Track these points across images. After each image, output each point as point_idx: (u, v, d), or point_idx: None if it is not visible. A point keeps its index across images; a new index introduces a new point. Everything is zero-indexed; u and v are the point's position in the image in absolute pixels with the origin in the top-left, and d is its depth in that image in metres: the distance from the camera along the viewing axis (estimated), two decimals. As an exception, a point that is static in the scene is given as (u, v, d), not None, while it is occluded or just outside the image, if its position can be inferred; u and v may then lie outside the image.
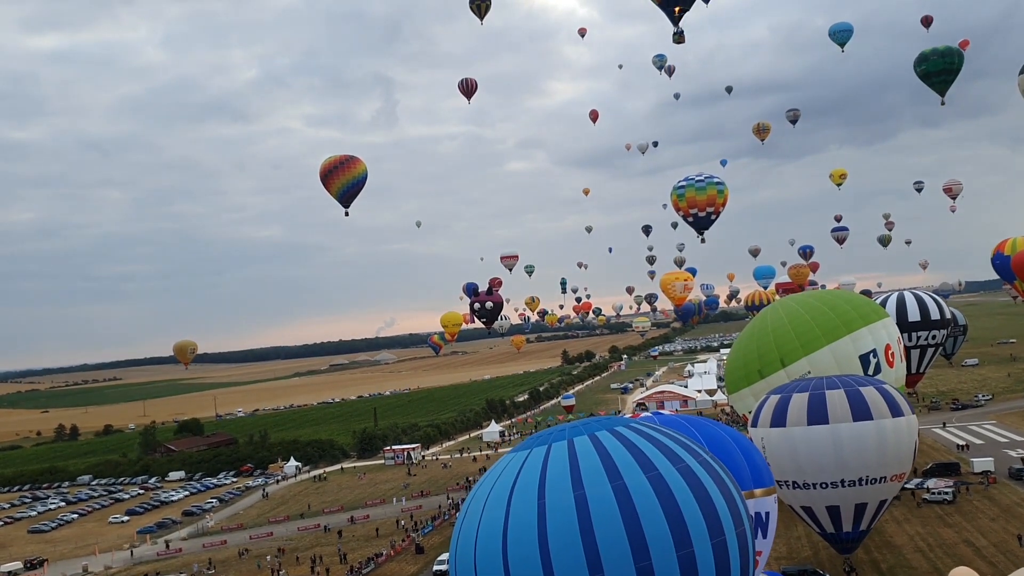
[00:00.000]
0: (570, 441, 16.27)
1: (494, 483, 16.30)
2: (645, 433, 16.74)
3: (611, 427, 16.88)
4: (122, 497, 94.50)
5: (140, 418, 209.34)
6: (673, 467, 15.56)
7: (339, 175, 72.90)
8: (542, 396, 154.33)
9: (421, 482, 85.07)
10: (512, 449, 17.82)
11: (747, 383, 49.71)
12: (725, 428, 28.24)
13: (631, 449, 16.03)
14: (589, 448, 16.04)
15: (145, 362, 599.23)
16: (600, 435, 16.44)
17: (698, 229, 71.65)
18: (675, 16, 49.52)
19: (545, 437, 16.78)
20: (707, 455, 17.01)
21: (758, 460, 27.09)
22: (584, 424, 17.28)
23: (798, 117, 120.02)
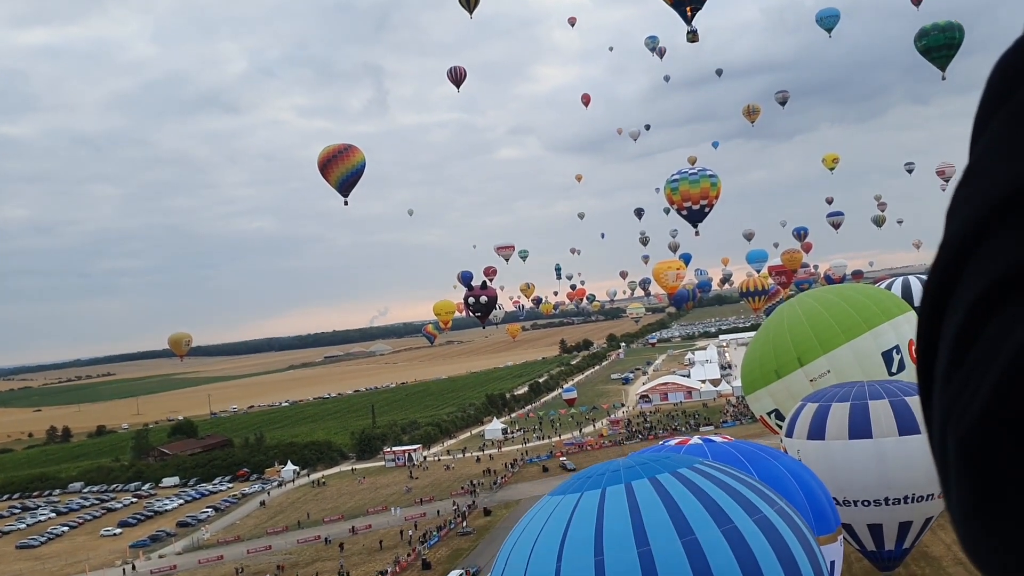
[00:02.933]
0: (628, 486, 14.06)
1: (538, 533, 14.12)
2: (712, 476, 14.66)
3: (672, 468, 14.77)
4: (114, 506, 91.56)
5: (134, 416, 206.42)
6: (750, 518, 13.54)
7: (337, 164, 72.01)
8: (542, 388, 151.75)
9: (424, 486, 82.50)
10: (555, 491, 15.46)
11: (764, 383, 47.18)
12: (782, 459, 25.42)
13: (701, 497, 13.84)
14: (651, 495, 13.85)
15: (139, 356, 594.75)
16: (662, 479, 14.27)
17: (692, 222, 71.27)
18: (688, 16, 47.28)
19: (596, 478, 14.63)
20: (783, 503, 14.94)
21: (822, 500, 24.28)
22: (641, 464, 15.12)
23: (787, 99, 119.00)
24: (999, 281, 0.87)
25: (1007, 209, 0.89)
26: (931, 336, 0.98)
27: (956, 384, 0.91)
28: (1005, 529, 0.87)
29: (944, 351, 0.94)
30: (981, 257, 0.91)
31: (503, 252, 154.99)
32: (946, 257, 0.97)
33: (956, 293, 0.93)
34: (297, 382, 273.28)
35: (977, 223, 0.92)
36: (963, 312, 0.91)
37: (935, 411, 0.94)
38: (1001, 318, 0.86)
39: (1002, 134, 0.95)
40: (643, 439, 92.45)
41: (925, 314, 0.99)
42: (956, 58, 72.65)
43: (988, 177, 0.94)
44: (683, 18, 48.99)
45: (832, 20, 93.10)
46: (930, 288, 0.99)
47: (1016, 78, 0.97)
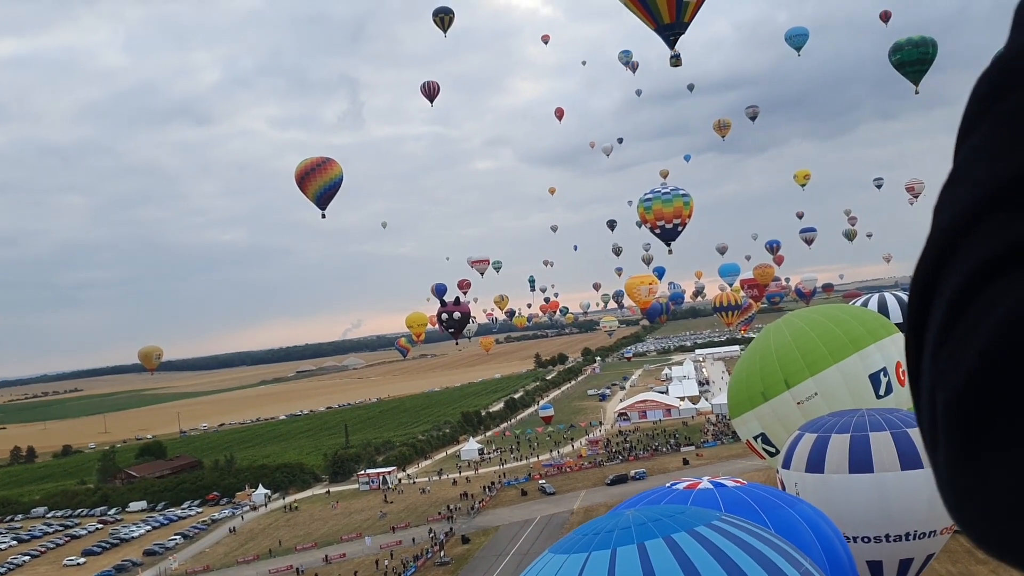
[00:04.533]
0: (641, 546, 12.39)
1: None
2: (733, 536, 12.91)
3: (689, 526, 12.99)
4: (79, 533, 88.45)
5: (101, 435, 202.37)
6: (776, 585, 11.71)
7: (315, 178, 72.04)
8: (518, 405, 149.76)
9: (399, 511, 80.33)
10: (556, 547, 13.45)
11: (751, 406, 45.58)
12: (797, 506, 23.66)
13: (723, 561, 12.12)
14: (668, 559, 12.09)
15: (107, 371, 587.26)
16: (679, 539, 12.50)
17: (665, 240, 71.33)
18: (671, 40, 46.19)
19: (604, 536, 12.84)
20: (807, 563, 13.36)
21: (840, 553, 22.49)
22: (653, 520, 13.33)
23: (757, 114, 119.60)
24: (988, 260, 0.97)
25: (992, 203, 0.99)
26: (920, 317, 1.06)
27: (946, 350, 0.99)
28: (990, 483, 0.93)
29: (933, 328, 1.02)
30: (969, 243, 1.00)
31: (477, 266, 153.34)
32: (935, 244, 1.07)
33: (944, 274, 1.02)
34: (268, 398, 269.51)
35: (964, 215, 1.02)
36: (952, 288, 0.99)
37: (924, 379, 1.04)
38: (988, 292, 0.95)
39: (985, 140, 1.07)
40: (623, 460, 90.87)
41: (914, 297, 1.08)
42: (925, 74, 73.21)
43: (974, 177, 1.05)
44: (667, 43, 47.83)
45: (801, 39, 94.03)
46: (918, 273, 1.08)
47: (997, 92, 1.09)
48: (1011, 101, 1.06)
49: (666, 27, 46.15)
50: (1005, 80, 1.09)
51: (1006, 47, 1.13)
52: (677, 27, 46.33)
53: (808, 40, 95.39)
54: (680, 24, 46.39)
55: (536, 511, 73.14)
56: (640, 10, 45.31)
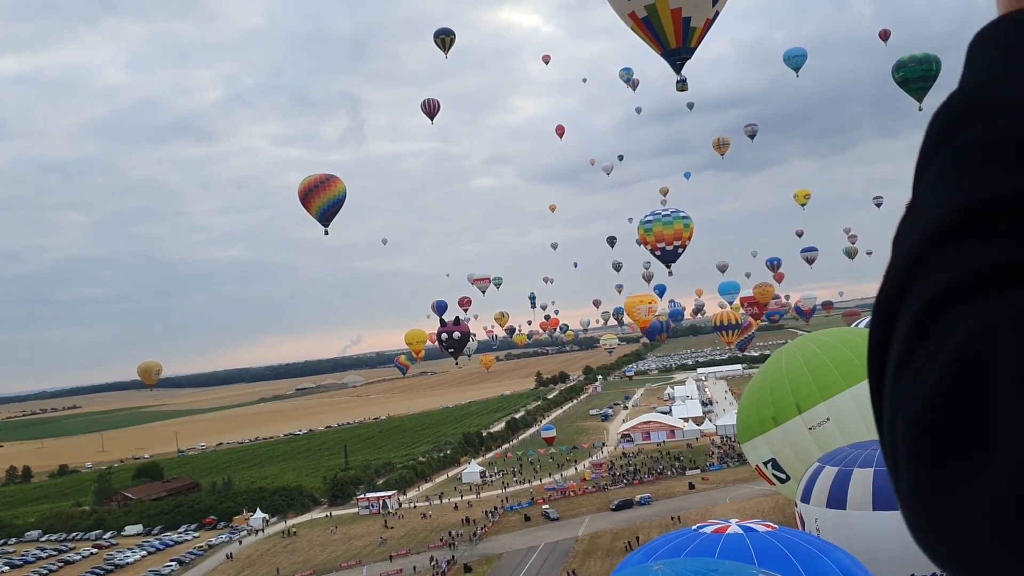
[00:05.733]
0: None
1: None
2: None
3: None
4: (72, 559, 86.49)
5: (98, 454, 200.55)
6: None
7: (318, 195, 72.13)
8: (519, 425, 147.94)
9: (399, 536, 78.57)
10: None
11: (761, 431, 44.15)
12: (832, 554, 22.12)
13: None
14: None
15: (105, 388, 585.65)
16: None
17: (665, 262, 71.59)
18: (678, 65, 45.45)
19: None
20: None
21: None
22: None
23: (756, 132, 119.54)
24: (942, 291, 1.01)
25: (944, 236, 1.04)
26: (882, 344, 1.10)
27: (906, 379, 1.02)
28: (953, 511, 0.94)
29: (894, 354, 1.06)
30: (925, 275, 1.05)
31: (479, 284, 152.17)
32: (894, 275, 1.11)
33: (903, 306, 1.06)
34: (267, 416, 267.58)
35: (920, 247, 1.07)
36: (910, 319, 1.03)
37: (886, 404, 1.06)
38: (944, 322, 0.98)
39: (938, 176, 1.12)
40: (628, 484, 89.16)
41: (876, 325, 1.12)
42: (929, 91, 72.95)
43: (928, 212, 1.10)
44: (673, 68, 47.09)
45: (799, 60, 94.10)
46: (879, 303, 1.12)
47: (950, 128, 1.14)
48: (961, 138, 1.10)
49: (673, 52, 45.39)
50: (956, 117, 1.13)
51: (959, 85, 1.18)
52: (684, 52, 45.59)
53: (806, 60, 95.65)
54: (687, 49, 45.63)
55: (540, 537, 71.48)
56: (647, 35, 44.46)
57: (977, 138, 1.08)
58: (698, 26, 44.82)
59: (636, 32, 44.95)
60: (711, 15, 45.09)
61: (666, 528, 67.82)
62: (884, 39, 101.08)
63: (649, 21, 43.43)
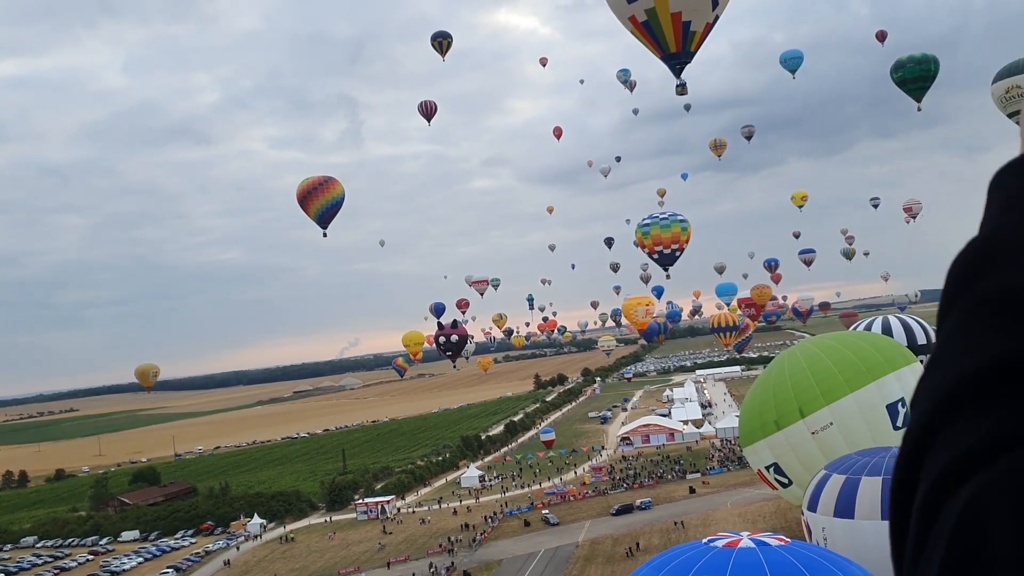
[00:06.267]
0: None
1: None
2: None
3: None
4: (68, 565, 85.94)
5: (95, 458, 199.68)
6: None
7: (317, 197, 72.23)
8: (518, 428, 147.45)
9: (398, 542, 78.06)
10: None
11: (763, 435, 43.94)
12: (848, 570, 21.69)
13: None
14: None
15: (103, 391, 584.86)
16: None
17: (663, 265, 72.12)
18: (677, 69, 45.44)
19: None
20: None
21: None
22: None
23: (752, 133, 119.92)
24: (947, 470, 0.97)
25: (953, 406, 1.00)
26: (901, 523, 1.08)
27: (921, 562, 1.00)
28: None
29: (911, 540, 1.04)
30: (935, 449, 1.02)
31: (477, 286, 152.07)
32: (908, 449, 1.08)
33: (919, 483, 1.03)
34: (265, 419, 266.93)
35: (931, 417, 1.03)
36: (920, 504, 1.01)
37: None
38: (949, 504, 0.96)
39: (953, 332, 1.08)
40: (628, 488, 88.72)
41: (894, 501, 1.10)
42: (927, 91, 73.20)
43: (939, 374, 1.06)
44: (673, 72, 47.04)
45: (796, 62, 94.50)
46: (897, 476, 1.10)
47: (967, 279, 1.10)
48: (977, 291, 1.07)
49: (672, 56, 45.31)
50: (976, 265, 1.09)
51: (980, 229, 1.14)
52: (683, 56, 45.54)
53: (803, 62, 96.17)
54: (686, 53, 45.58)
55: (540, 543, 71.01)
56: (647, 39, 44.31)
57: (998, 288, 1.04)
58: (698, 30, 44.59)
59: (636, 36, 44.66)
60: (711, 19, 44.81)
61: (667, 533, 67.45)
62: (881, 40, 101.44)
63: (649, 25, 43.13)
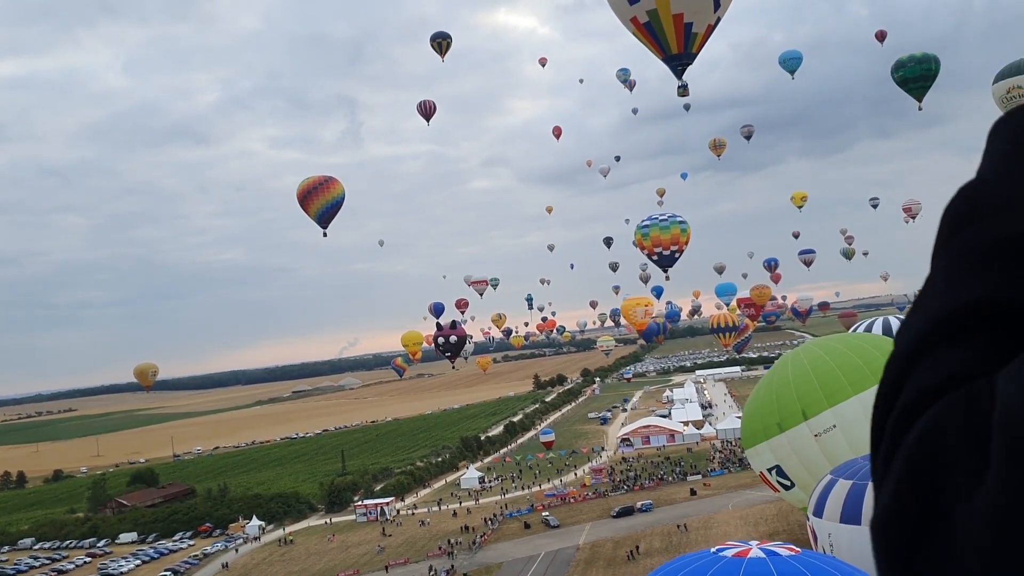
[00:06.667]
0: None
1: None
2: None
3: None
4: (66, 567, 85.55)
5: (93, 458, 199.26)
6: None
7: (317, 196, 72.10)
8: (517, 428, 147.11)
9: (397, 544, 77.70)
10: None
11: (765, 437, 43.49)
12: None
13: None
14: None
15: (101, 391, 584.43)
16: None
17: (662, 267, 72.09)
18: (679, 71, 45.29)
19: None
20: None
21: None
22: None
23: (752, 133, 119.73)
24: (920, 394, 1.06)
25: (933, 338, 1.09)
26: (877, 441, 1.14)
27: (888, 476, 1.08)
28: None
29: (882, 450, 1.11)
30: (912, 376, 1.10)
31: (476, 287, 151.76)
32: (891, 374, 1.16)
33: (896, 403, 1.11)
34: (264, 419, 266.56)
35: (913, 347, 1.12)
36: (892, 422, 1.09)
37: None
38: (916, 424, 1.04)
39: (939, 273, 1.17)
40: (628, 490, 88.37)
41: (874, 422, 1.16)
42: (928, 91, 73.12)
43: (923, 310, 1.16)
44: (674, 74, 46.87)
45: (795, 62, 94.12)
46: (879, 399, 1.17)
47: (957, 222, 1.17)
48: (963, 236, 1.14)
49: (674, 58, 45.08)
50: (963, 213, 1.17)
51: (975, 175, 1.20)
52: (685, 58, 45.32)
53: (802, 63, 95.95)
54: (688, 55, 45.34)
55: (540, 546, 70.63)
56: (649, 40, 44.03)
57: (977, 238, 1.11)
58: (699, 32, 44.29)
59: (638, 37, 44.33)
60: (712, 21, 44.48)
61: (669, 536, 67.14)
62: (880, 40, 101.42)
63: (651, 26, 42.81)
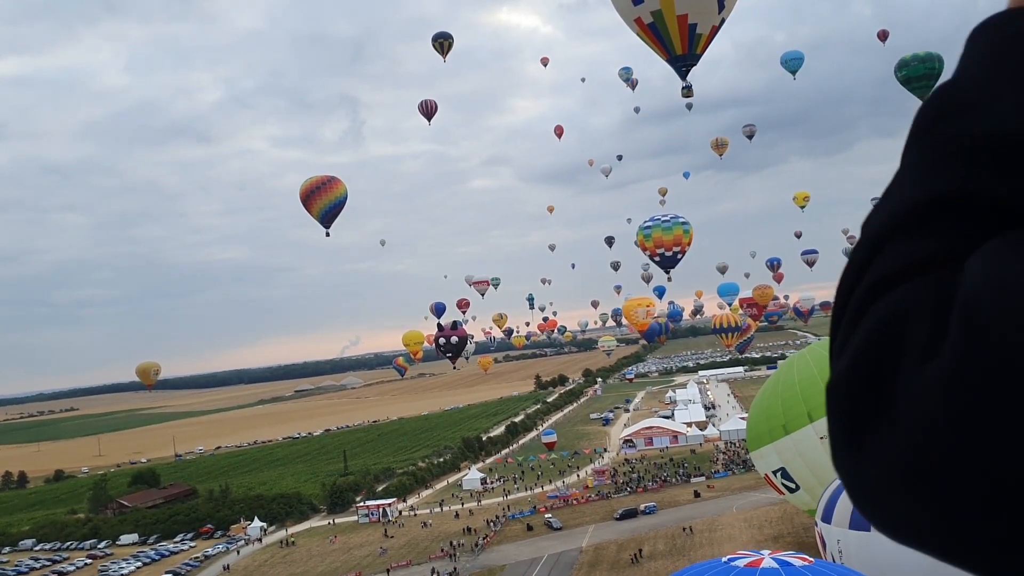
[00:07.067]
0: None
1: None
2: None
3: None
4: (66, 569, 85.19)
5: (95, 458, 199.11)
6: None
7: (320, 196, 72.11)
8: (519, 429, 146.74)
9: (399, 546, 77.36)
10: None
11: (770, 439, 43.49)
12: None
13: None
14: None
15: (103, 390, 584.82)
16: None
17: (664, 268, 72.26)
18: (683, 72, 45.18)
19: None
20: None
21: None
22: None
23: (754, 133, 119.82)
24: (887, 275, 1.10)
25: (902, 226, 1.13)
26: (838, 318, 1.18)
27: (845, 348, 1.11)
28: (868, 464, 1.03)
29: (842, 325, 1.14)
30: (879, 259, 1.14)
31: (478, 287, 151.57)
32: (856, 259, 1.19)
33: (858, 286, 1.14)
34: (266, 419, 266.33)
35: (881, 233, 1.16)
36: (857, 298, 1.12)
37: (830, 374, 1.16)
38: (881, 301, 1.08)
39: (911, 165, 1.22)
40: (631, 492, 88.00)
41: (836, 301, 1.20)
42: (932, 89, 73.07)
43: (893, 200, 1.20)
44: (679, 74, 46.76)
45: (796, 63, 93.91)
46: (841, 281, 1.20)
47: (930, 121, 1.22)
48: (937, 131, 1.19)
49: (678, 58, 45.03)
50: (937, 111, 1.22)
51: (951, 77, 1.26)
52: (689, 59, 45.26)
53: (803, 63, 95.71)
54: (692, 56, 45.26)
55: (543, 548, 70.27)
56: (653, 41, 43.86)
57: (949, 134, 1.15)
58: (704, 33, 44.09)
59: (642, 38, 44.07)
60: (717, 22, 44.23)
61: (673, 539, 66.78)
62: (883, 39, 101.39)
63: (655, 27, 42.57)
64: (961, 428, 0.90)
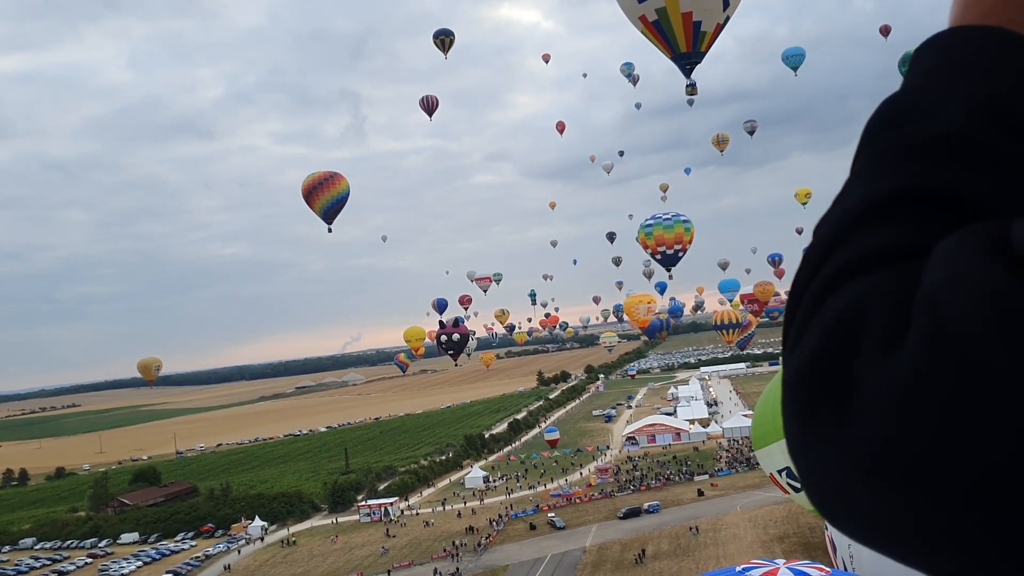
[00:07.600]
0: None
1: None
2: None
3: None
4: (66, 568, 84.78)
5: (96, 455, 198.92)
6: None
7: (322, 192, 71.98)
8: (521, 426, 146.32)
9: (401, 546, 76.93)
10: None
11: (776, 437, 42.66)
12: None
13: None
14: None
15: (105, 386, 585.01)
16: None
17: (666, 266, 72.14)
18: (687, 69, 44.67)
19: None
20: None
21: None
22: None
23: (755, 128, 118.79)
24: (843, 266, 1.10)
25: (857, 222, 1.14)
26: (791, 313, 1.18)
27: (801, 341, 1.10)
28: (821, 457, 1.02)
29: (797, 319, 1.14)
30: (835, 254, 1.14)
31: (480, 283, 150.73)
32: (811, 255, 1.19)
33: (813, 283, 1.14)
34: (267, 415, 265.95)
35: (836, 231, 1.17)
36: (813, 290, 1.12)
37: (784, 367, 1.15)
38: (839, 292, 1.08)
39: (860, 170, 1.23)
40: (634, 490, 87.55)
41: (790, 298, 1.20)
42: None
43: (847, 201, 1.20)
44: (683, 72, 46.25)
45: (798, 59, 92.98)
46: (797, 278, 1.20)
47: (879, 128, 1.25)
48: (884, 138, 1.22)
49: (683, 56, 44.35)
50: (885, 120, 1.25)
51: (899, 88, 1.29)
52: (694, 56, 44.58)
53: (805, 59, 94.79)
54: (697, 54, 44.57)
55: (547, 548, 69.83)
56: (657, 38, 43.22)
57: (896, 138, 1.19)
58: (708, 30, 43.44)
59: (646, 35, 43.46)
60: (721, 20, 43.58)
61: (677, 539, 66.30)
62: (885, 35, 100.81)
63: (659, 24, 41.95)
64: (924, 421, 0.91)
